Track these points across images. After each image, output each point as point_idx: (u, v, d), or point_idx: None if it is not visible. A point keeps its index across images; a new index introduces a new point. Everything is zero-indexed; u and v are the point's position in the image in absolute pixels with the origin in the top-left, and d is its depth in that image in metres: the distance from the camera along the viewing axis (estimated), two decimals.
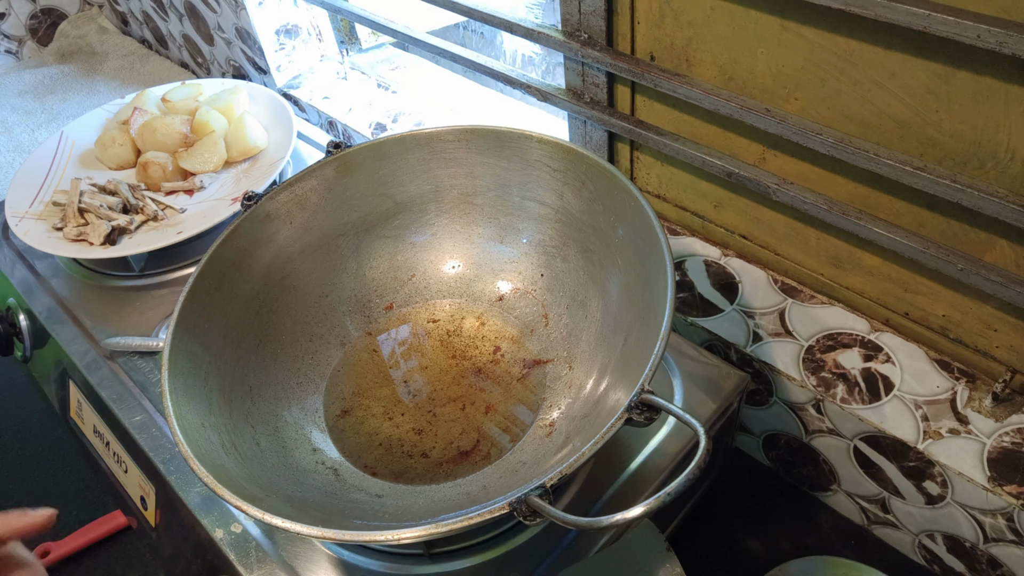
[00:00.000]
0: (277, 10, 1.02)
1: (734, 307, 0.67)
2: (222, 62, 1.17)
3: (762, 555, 0.67)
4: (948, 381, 0.59)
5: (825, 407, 0.60)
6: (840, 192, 0.58)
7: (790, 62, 0.54)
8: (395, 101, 1.01)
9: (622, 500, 0.55)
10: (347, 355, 0.65)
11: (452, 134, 0.63)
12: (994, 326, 0.56)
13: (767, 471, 0.72)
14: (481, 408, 0.60)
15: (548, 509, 0.37)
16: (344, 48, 1.09)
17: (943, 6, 0.42)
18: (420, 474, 0.56)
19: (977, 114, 0.47)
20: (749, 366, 0.64)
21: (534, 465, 0.53)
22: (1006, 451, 0.54)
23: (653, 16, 0.60)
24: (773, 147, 0.60)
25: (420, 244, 0.68)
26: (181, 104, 0.95)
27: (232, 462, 0.49)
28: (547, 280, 0.64)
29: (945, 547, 0.61)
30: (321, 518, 0.47)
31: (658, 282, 0.48)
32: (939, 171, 0.48)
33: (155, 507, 0.66)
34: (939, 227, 0.54)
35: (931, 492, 0.58)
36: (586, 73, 0.69)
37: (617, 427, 0.40)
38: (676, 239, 0.74)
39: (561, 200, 0.61)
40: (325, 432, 0.59)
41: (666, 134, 0.65)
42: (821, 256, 0.64)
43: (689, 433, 0.58)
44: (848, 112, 0.53)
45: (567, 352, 0.61)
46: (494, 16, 0.71)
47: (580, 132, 0.76)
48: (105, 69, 1.26)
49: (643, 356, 0.45)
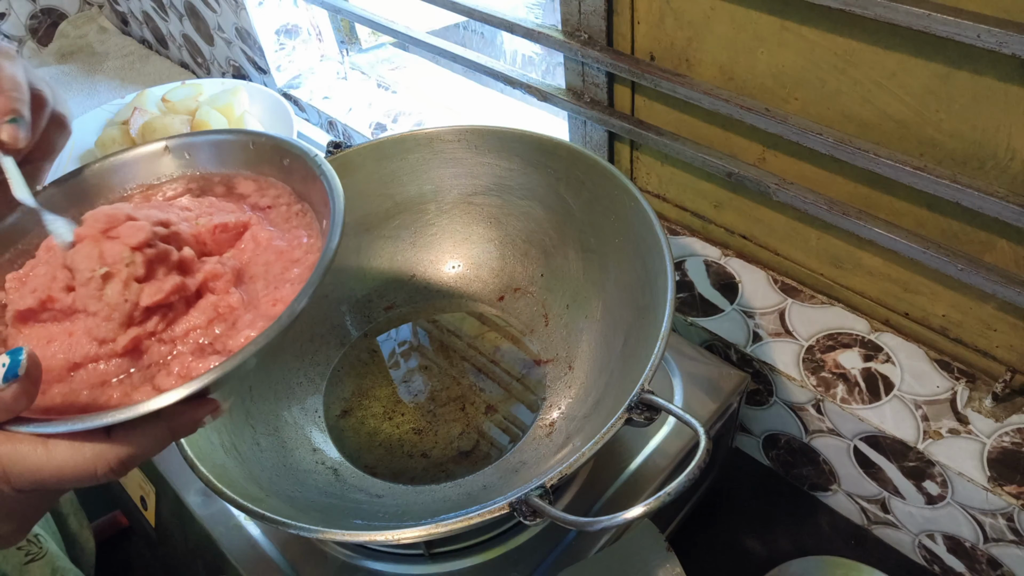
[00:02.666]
0: (277, 10, 1.02)
1: (734, 307, 0.67)
2: (222, 62, 1.17)
3: (762, 555, 0.67)
4: (948, 381, 0.59)
5: (825, 407, 0.60)
6: (840, 192, 0.58)
7: (790, 62, 0.54)
8: (395, 101, 1.01)
9: (622, 500, 0.55)
10: (347, 355, 0.65)
11: (452, 134, 0.63)
12: (994, 326, 0.56)
13: (767, 471, 0.72)
14: (481, 408, 0.60)
15: (548, 509, 0.37)
16: (344, 48, 1.09)
17: (943, 6, 0.42)
18: (420, 474, 0.56)
19: (977, 114, 0.47)
20: (749, 366, 0.64)
21: (534, 465, 0.53)
22: (1006, 451, 0.54)
23: (653, 16, 0.60)
24: (773, 147, 0.60)
25: (420, 244, 0.68)
26: (181, 104, 0.95)
27: (232, 462, 0.49)
28: (547, 280, 0.64)
29: (945, 547, 0.61)
30: (321, 518, 0.47)
31: (658, 282, 0.48)
32: (939, 171, 0.48)
33: (155, 507, 0.66)
34: (939, 227, 0.54)
35: (931, 492, 0.58)
36: (586, 73, 0.69)
37: (617, 427, 0.40)
38: (676, 239, 0.74)
39: (561, 200, 0.61)
40: (325, 432, 0.59)
41: (666, 134, 0.65)
42: (821, 256, 0.64)
43: (689, 433, 0.58)
44: (848, 112, 0.53)
45: (567, 352, 0.61)
46: (494, 16, 0.71)
47: (580, 132, 0.76)
48: (105, 69, 1.26)
49: (643, 356, 0.45)
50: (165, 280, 0.34)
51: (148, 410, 0.29)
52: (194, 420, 0.32)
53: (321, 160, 0.39)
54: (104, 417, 0.29)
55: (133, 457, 0.31)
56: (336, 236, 0.35)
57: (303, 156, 0.40)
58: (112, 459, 0.30)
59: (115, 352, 0.33)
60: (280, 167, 0.42)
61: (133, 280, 0.34)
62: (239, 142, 0.43)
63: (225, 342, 0.34)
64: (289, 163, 0.41)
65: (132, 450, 0.30)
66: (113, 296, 0.33)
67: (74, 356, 0.33)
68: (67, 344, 0.33)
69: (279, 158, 0.42)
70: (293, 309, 0.32)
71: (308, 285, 0.33)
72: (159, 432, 0.31)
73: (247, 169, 0.43)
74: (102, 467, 0.30)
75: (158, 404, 0.29)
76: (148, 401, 0.29)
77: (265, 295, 0.36)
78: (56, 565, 0.60)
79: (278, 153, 0.42)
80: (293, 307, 0.32)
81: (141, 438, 0.31)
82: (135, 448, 0.31)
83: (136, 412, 0.29)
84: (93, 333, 0.33)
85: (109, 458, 0.30)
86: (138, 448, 0.31)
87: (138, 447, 0.31)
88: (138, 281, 0.34)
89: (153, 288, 0.34)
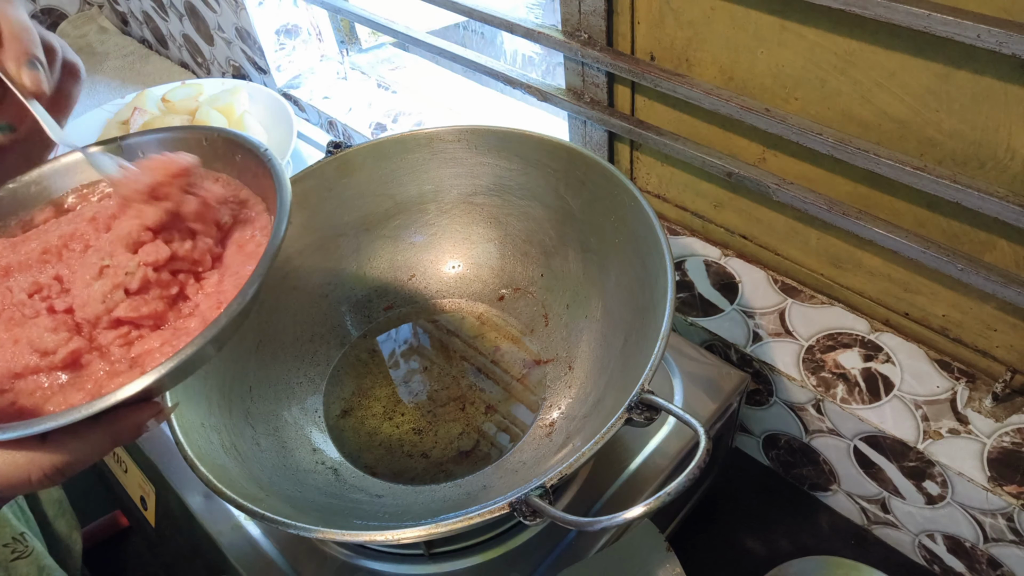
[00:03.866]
0: (277, 10, 1.02)
1: (734, 307, 0.67)
2: (222, 62, 1.17)
3: (762, 555, 0.67)
4: (948, 381, 0.59)
5: (825, 407, 0.60)
6: (840, 192, 0.58)
7: (790, 62, 0.54)
8: (395, 101, 1.01)
9: (622, 500, 0.55)
10: (347, 355, 0.65)
11: (452, 134, 0.63)
12: (994, 326, 0.56)
13: (767, 471, 0.72)
14: (481, 408, 0.60)
15: (548, 509, 0.37)
16: (344, 48, 1.09)
17: (943, 6, 0.42)
18: (420, 474, 0.56)
19: (977, 114, 0.47)
20: (749, 366, 0.64)
21: (534, 465, 0.53)
22: (1006, 451, 0.54)
23: (653, 16, 0.60)
24: (773, 147, 0.60)
25: (420, 244, 0.68)
26: (181, 104, 0.95)
27: (232, 462, 0.49)
28: (547, 280, 0.64)
29: (945, 547, 0.61)
30: (321, 518, 0.47)
31: (658, 282, 0.48)
32: (939, 171, 0.48)
33: (155, 507, 0.66)
34: (939, 227, 0.54)
35: (931, 492, 0.58)
36: (586, 73, 0.69)
37: (617, 427, 0.40)
38: (676, 239, 0.74)
39: (561, 200, 0.61)
40: (325, 432, 0.59)
41: (666, 134, 0.65)
42: (821, 256, 0.64)
43: (689, 433, 0.58)
44: (848, 112, 0.53)
45: (567, 352, 0.61)
46: (494, 16, 0.71)
47: (580, 132, 0.76)
48: (105, 69, 1.26)
49: (643, 356, 0.45)
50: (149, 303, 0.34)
51: (81, 416, 0.28)
52: (136, 424, 0.31)
53: (271, 155, 0.39)
54: (35, 424, 0.28)
55: (69, 464, 0.29)
56: (279, 234, 0.34)
57: (254, 150, 0.40)
58: (47, 466, 0.29)
59: (54, 365, 0.32)
60: (233, 163, 0.41)
61: (122, 288, 0.34)
62: (192, 139, 0.42)
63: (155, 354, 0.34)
64: (241, 158, 0.41)
65: (67, 457, 0.29)
66: (96, 290, 0.33)
67: (15, 366, 0.32)
68: (10, 353, 0.33)
69: (231, 154, 0.41)
70: (231, 311, 0.31)
71: (248, 284, 0.32)
72: (97, 438, 0.30)
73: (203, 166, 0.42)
74: (36, 474, 0.29)
75: (93, 409, 0.28)
76: (82, 406, 0.28)
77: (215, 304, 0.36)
78: (42, 563, 0.60)
79: (230, 148, 0.41)
80: (230, 310, 0.31)
81: (78, 444, 0.30)
82: (71, 455, 0.29)
83: (69, 418, 0.28)
84: (36, 344, 0.33)
85: (44, 465, 0.29)
86: (75, 455, 0.29)
87: (75, 453, 0.29)
88: (126, 292, 0.34)
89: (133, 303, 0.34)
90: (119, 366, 0.33)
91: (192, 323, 0.35)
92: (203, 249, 0.37)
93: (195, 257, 0.36)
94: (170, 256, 0.35)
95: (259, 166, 0.39)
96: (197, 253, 0.36)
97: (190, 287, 0.36)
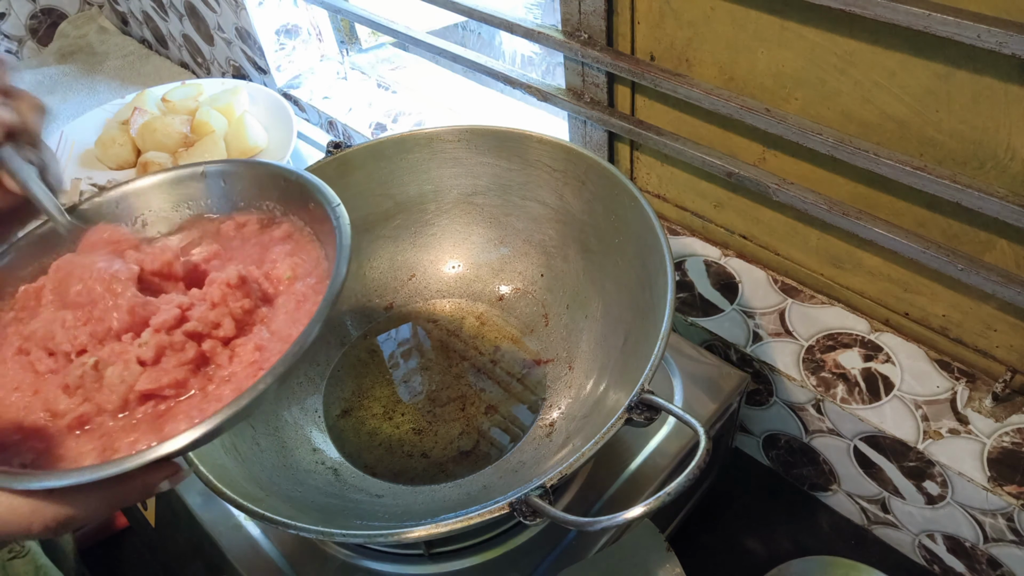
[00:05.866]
0: (277, 10, 1.02)
1: (734, 307, 0.67)
2: (222, 62, 1.17)
3: (762, 555, 0.67)
4: (948, 381, 0.59)
5: (825, 407, 0.60)
6: (840, 192, 0.58)
7: (790, 62, 0.54)
8: (395, 101, 1.01)
9: (622, 500, 0.55)
10: (347, 355, 0.65)
11: (452, 134, 0.63)
12: (994, 326, 0.56)
13: (767, 471, 0.72)
14: (481, 408, 0.60)
15: (548, 509, 0.37)
16: (344, 48, 1.09)
17: (943, 6, 0.42)
18: (420, 474, 0.56)
19: (977, 114, 0.47)
20: (749, 366, 0.64)
21: (534, 465, 0.53)
22: (1006, 451, 0.54)
23: (653, 16, 0.60)
24: (773, 147, 0.60)
25: (420, 244, 0.68)
26: (181, 104, 0.95)
27: (232, 462, 0.49)
28: (547, 280, 0.64)
29: (945, 547, 0.61)
30: (321, 518, 0.47)
31: (658, 282, 0.48)
32: (939, 171, 0.48)
33: (155, 507, 0.66)
34: (939, 227, 0.54)
35: (931, 492, 0.58)
36: (586, 73, 0.69)
37: (617, 427, 0.40)
38: (676, 239, 0.74)
39: (561, 200, 0.61)
40: (325, 432, 0.59)
41: (666, 134, 0.65)
42: (821, 256, 0.64)
43: (689, 433, 0.58)
44: (848, 112, 0.53)
45: (567, 352, 0.61)
46: (494, 16, 0.71)
47: (580, 132, 0.76)
48: (105, 69, 1.26)
49: (643, 356, 0.45)
50: (169, 372, 0.32)
51: (91, 479, 0.27)
52: (147, 485, 0.30)
53: (341, 211, 0.38)
54: (46, 479, 0.27)
55: (72, 519, 0.29)
56: (323, 316, 0.33)
57: (324, 203, 0.39)
58: (49, 518, 0.28)
59: (61, 428, 0.31)
60: (305, 207, 0.41)
61: (136, 361, 0.32)
62: (274, 175, 0.42)
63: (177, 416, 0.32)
64: (313, 207, 0.40)
65: (71, 512, 0.28)
66: (112, 378, 0.31)
67: (26, 418, 0.31)
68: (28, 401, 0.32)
69: (305, 200, 0.41)
70: (258, 389, 0.30)
71: (279, 364, 0.31)
72: (107, 496, 0.29)
73: (273, 201, 0.42)
74: (37, 525, 0.28)
75: (104, 473, 0.27)
76: (94, 466, 0.27)
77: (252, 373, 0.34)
78: (39, 563, 0.60)
79: (304, 195, 0.41)
80: (256, 387, 0.30)
81: (86, 500, 0.29)
82: (75, 511, 0.29)
83: (76, 479, 0.27)
84: (49, 405, 0.32)
85: (46, 517, 0.28)
86: (81, 511, 0.29)
87: (81, 509, 0.29)
88: (141, 364, 0.32)
89: (152, 375, 0.32)
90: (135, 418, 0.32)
91: (226, 390, 0.33)
92: (222, 312, 0.35)
93: (211, 319, 0.34)
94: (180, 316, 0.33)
95: (326, 220, 0.39)
96: (214, 315, 0.35)
97: (219, 354, 0.34)
